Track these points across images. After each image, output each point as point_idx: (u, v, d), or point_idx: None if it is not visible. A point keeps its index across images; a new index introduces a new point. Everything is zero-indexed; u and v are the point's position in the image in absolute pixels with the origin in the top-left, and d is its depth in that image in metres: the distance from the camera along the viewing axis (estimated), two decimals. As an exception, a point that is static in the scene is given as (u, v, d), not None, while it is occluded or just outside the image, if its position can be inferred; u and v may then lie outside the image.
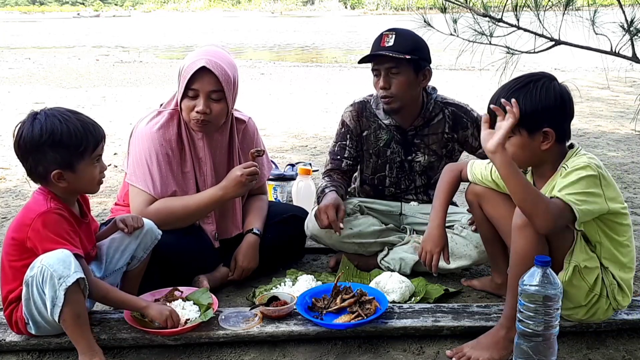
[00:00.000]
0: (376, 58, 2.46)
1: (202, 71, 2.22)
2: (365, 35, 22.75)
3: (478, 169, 2.12)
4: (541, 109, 1.82)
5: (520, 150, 1.87)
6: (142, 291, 2.20)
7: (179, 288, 2.20)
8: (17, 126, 1.89)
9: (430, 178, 2.62)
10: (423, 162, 2.60)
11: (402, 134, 2.59)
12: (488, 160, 2.06)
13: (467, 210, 2.40)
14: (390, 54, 2.40)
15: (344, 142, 2.64)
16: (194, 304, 2.09)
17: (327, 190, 2.52)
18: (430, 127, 2.58)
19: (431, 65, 2.52)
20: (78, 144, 1.86)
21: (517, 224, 1.83)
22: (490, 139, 1.77)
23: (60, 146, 1.84)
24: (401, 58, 2.40)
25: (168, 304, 2.07)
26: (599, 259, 1.89)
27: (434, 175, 2.62)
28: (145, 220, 2.15)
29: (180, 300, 2.11)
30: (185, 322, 2.00)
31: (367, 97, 2.67)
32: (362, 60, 2.50)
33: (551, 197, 1.77)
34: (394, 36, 2.44)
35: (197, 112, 2.26)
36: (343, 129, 2.65)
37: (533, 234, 1.79)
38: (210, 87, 2.25)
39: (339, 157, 2.65)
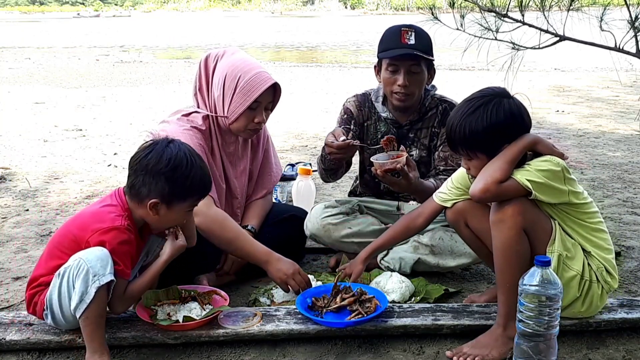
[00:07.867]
0: (405, 56, 2.44)
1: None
2: (365, 36, 22.77)
3: (449, 189, 2.12)
4: (492, 131, 1.86)
5: None
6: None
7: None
8: (148, 142, 1.94)
9: (423, 175, 2.63)
10: (415, 156, 2.62)
11: (398, 128, 2.63)
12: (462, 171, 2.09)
13: None
14: (421, 55, 2.41)
15: (348, 126, 2.67)
16: (208, 303, 2.11)
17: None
18: (423, 122, 2.62)
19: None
20: (189, 189, 1.92)
21: (493, 220, 1.88)
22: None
23: (174, 182, 1.88)
24: (425, 58, 2.43)
25: (181, 304, 2.09)
26: (580, 246, 1.93)
27: (427, 172, 2.64)
28: None
29: (192, 301, 2.11)
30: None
31: (367, 91, 2.72)
32: (385, 55, 2.48)
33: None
34: (413, 33, 2.45)
35: (256, 122, 2.38)
36: (346, 115, 2.69)
37: (510, 228, 1.84)
38: (270, 99, 2.40)
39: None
